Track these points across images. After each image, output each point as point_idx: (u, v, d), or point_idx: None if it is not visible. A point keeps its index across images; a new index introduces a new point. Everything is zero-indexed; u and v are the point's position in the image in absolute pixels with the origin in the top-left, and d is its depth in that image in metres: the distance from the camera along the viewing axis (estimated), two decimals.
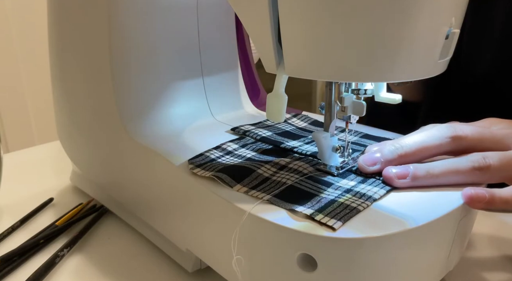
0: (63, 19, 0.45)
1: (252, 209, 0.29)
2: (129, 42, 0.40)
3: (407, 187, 0.31)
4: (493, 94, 0.55)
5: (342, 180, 0.32)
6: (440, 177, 0.31)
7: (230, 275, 0.33)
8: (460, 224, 0.30)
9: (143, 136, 0.40)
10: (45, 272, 0.38)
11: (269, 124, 0.44)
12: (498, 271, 0.38)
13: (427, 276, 0.30)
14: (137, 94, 0.41)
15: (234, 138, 0.40)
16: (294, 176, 0.32)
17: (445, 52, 0.28)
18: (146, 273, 0.39)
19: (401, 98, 0.35)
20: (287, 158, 0.35)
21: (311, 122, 0.45)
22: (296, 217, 0.28)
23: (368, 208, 0.28)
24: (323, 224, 0.27)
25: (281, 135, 0.41)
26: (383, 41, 0.25)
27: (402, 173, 0.31)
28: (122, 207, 0.47)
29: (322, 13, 0.25)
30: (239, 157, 0.36)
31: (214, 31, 0.44)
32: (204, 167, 0.34)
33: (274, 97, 0.31)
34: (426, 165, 0.31)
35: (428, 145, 0.32)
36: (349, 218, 0.27)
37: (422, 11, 0.25)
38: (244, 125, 0.43)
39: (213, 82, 0.45)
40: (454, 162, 0.31)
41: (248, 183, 0.32)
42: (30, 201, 0.51)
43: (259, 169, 0.33)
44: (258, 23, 0.29)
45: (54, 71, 0.49)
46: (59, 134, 0.52)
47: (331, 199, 0.29)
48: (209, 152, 0.37)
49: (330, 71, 0.27)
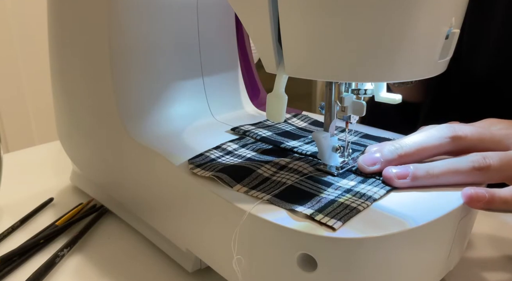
0: (63, 19, 0.45)
1: (252, 209, 0.29)
2: (129, 42, 0.40)
3: (407, 187, 0.31)
4: (493, 94, 0.55)
5: (342, 180, 0.32)
6: (440, 177, 0.31)
7: (230, 275, 0.33)
8: (460, 224, 0.30)
9: (143, 136, 0.40)
10: (45, 272, 0.38)
11: (269, 124, 0.44)
12: (498, 271, 0.38)
13: (427, 276, 0.30)
14: (137, 94, 0.41)
15: (234, 138, 0.40)
16: (294, 176, 0.32)
17: (445, 52, 0.28)
18: (146, 273, 0.39)
19: (401, 98, 0.35)
20: (287, 158, 0.35)
21: (311, 122, 0.45)
22: (296, 217, 0.28)
23: (368, 208, 0.28)
24: (323, 224, 0.27)
25: (281, 135, 0.41)
26: (383, 41, 0.25)
27: (402, 173, 0.31)
28: (122, 207, 0.47)
29: (322, 13, 0.25)
30: (239, 157, 0.36)
31: (214, 31, 0.45)
32: (204, 167, 0.34)
33: (274, 97, 0.31)
34: (426, 165, 0.31)
35: (428, 145, 0.32)
36: (349, 218, 0.27)
37: (422, 11, 0.25)
38: (244, 125, 0.43)
39: (213, 82, 0.45)
40: (454, 162, 0.31)
41: (248, 183, 0.32)
42: (30, 201, 0.51)
43: (259, 169, 0.33)
44: (258, 23, 0.29)
45: (54, 71, 0.49)
46: (59, 134, 0.52)
47: (331, 199, 0.29)
48: (209, 152, 0.37)
49: (330, 71, 0.27)
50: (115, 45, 0.39)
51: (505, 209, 0.30)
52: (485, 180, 0.31)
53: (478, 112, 0.43)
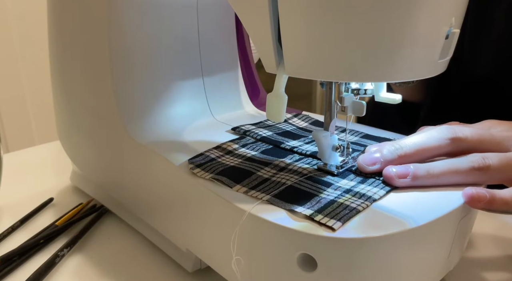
0: (63, 19, 0.45)
1: (251, 209, 0.29)
2: (129, 42, 0.40)
3: (407, 187, 0.31)
4: (493, 94, 0.55)
5: (341, 180, 0.32)
6: (440, 177, 0.31)
7: (230, 275, 0.33)
8: (460, 224, 0.30)
9: (143, 136, 0.40)
10: (45, 272, 0.38)
11: (270, 124, 0.44)
12: (498, 271, 0.38)
13: (427, 276, 0.30)
14: (137, 94, 0.41)
15: (234, 137, 0.40)
16: (294, 177, 0.32)
17: (445, 52, 0.28)
18: (146, 273, 0.39)
19: (401, 98, 0.35)
20: (287, 160, 0.35)
21: (312, 122, 0.45)
22: (296, 217, 0.28)
23: (368, 208, 0.28)
24: (323, 225, 0.27)
25: (282, 135, 0.41)
26: (383, 41, 0.25)
27: (403, 172, 0.31)
28: (122, 207, 0.47)
29: (322, 13, 0.25)
30: (239, 156, 0.36)
31: (214, 31, 0.44)
32: (204, 167, 0.34)
33: (274, 97, 0.31)
34: (426, 165, 0.31)
35: (428, 146, 0.32)
36: (348, 218, 0.27)
37: (422, 11, 0.25)
38: (245, 125, 0.43)
39: (213, 82, 0.45)
40: (454, 162, 0.31)
41: (247, 184, 0.32)
42: (30, 201, 0.51)
43: (259, 172, 0.33)
44: (258, 23, 0.29)
45: (54, 71, 0.49)
46: (59, 134, 0.52)
47: (331, 200, 0.29)
48: (209, 151, 0.37)
49: (330, 71, 0.27)
50: (115, 45, 0.39)
51: (505, 210, 0.30)
52: (484, 180, 0.31)
53: (478, 112, 0.43)
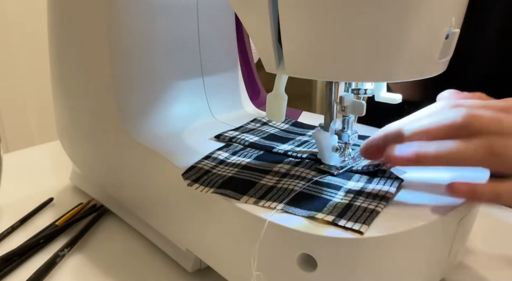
0: (63, 19, 0.45)
1: (270, 217, 0.28)
2: (129, 42, 0.40)
3: (411, 165, 0.30)
4: (493, 94, 0.55)
5: (348, 182, 0.32)
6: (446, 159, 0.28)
7: (230, 275, 0.33)
8: (460, 224, 0.30)
9: (143, 136, 0.40)
10: (46, 271, 0.38)
11: (251, 127, 0.43)
12: (498, 271, 0.38)
13: (427, 276, 0.30)
14: (137, 94, 0.41)
15: (220, 145, 0.39)
16: (300, 182, 0.32)
17: (445, 52, 0.28)
18: (146, 273, 0.39)
19: (401, 98, 0.35)
20: (286, 165, 0.35)
21: (292, 124, 0.45)
22: (296, 217, 0.28)
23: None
24: (349, 229, 0.26)
25: (269, 139, 0.40)
26: (383, 41, 0.25)
27: (407, 152, 0.29)
28: (122, 207, 0.47)
29: (322, 13, 0.25)
30: (234, 165, 0.35)
31: (214, 31, 0.45)
32: (201, 181, 0.33)
33: (274, 97, 0.31)
34: (433, 143, 0.29)
35: (436, 134, 0.30)
36: (372, 220, 0.27)
37: (422, 11, 0.25)
38: (227, 131, 0.42)
39: (213, 82, 0.45)
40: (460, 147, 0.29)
41: (254, 194, 0.31)
42: (30, 201, 0.51)
43: (261, 181, 0.33)
44: (258, 23, 0.29)
45: (54, 71, 0.49)
46: (59, 134, 0.52)
47: (347, 203, 0.29)
48: (200, 163, 0.35)
49: (330, 71, 0.27)
50: (115, 45, 0.39)
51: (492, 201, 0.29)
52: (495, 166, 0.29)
53: None
